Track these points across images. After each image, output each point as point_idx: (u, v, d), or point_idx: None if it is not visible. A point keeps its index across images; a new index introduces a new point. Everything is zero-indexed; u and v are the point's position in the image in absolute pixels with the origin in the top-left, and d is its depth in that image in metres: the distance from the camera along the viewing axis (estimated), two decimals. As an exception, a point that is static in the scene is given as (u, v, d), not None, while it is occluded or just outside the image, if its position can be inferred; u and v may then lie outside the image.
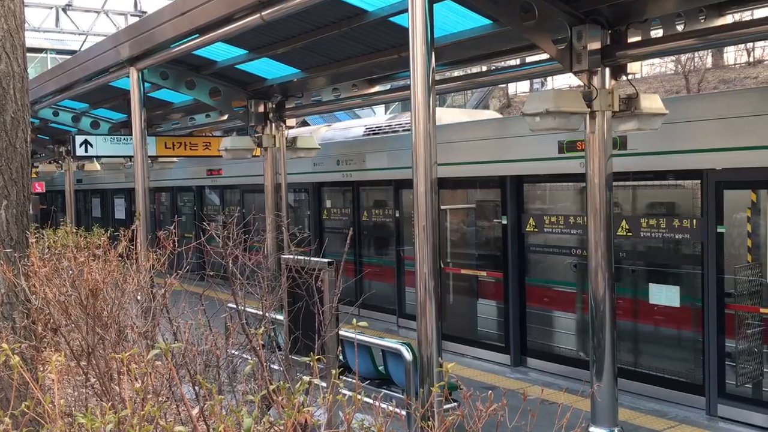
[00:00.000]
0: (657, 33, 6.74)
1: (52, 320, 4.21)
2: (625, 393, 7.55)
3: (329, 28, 7.89)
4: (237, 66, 9.95)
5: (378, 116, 20.19)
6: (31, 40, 27.21)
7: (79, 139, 12.21)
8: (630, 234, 7.92)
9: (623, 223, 7.92)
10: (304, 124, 19.78)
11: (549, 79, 24.85)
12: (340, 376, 3.00)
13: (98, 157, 15.31)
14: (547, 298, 9.34)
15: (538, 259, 9.45)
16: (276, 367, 4.71)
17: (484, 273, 10.06)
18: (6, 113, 4.03)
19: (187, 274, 4.52)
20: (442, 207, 9.95)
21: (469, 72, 11.01)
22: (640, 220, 7.84)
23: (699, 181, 7.31)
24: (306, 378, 2.85)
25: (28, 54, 4.30)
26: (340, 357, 6.02)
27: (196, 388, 3.20)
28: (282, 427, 2.55)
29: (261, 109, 11.07)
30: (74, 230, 9.18)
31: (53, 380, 2.62)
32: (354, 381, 2.90)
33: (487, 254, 10.16)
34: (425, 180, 5.27)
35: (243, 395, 4.02)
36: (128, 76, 9.94)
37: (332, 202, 13.25)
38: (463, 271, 10.37)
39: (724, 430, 6.97)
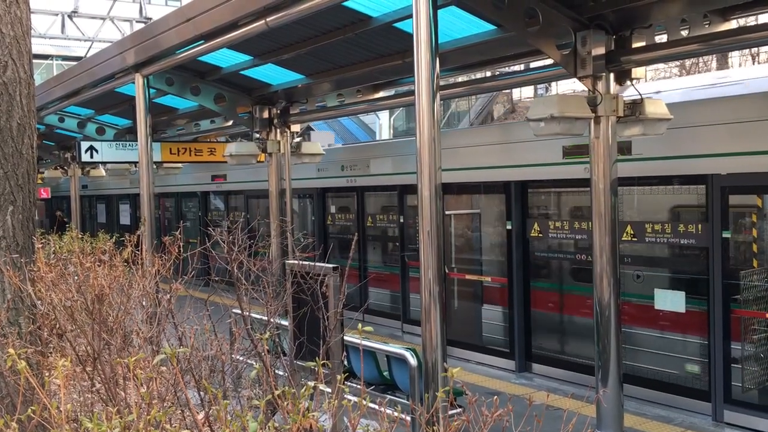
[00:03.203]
0: (661, 38, 6.74)
1: (57, 325, 4.21)
2: (631, 399, 7.53)
3: (334, 34, 7.92)
4: (242, 72, 9.98)
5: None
6: (37, 46, 27.29)
7: (84, 144, 12.27)
8: (635, 239, 7.90)
9: (628, 228, 7.91)
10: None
11: (553, 84, 24.83)
12: (345, 382, 3.00)
13: (103, 163, 15.37)
14: (552, 303, 9.32)
15: (542, 264, 9.43)
16: (281, 373, 4.71)
17: (488, 278, 10.05)
18: (12, 119, 4.05)
19: (192, 279, 4.53)
20: (447, 212, 9.95)
21: (473, 77, 11.02)
22: (645, 225, 7.82)
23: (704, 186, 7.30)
24: (311, 383, 2.85)
25: (34, 60, 4.32)
26: (345, 362, 6.01)
27: (202, 393, 3.21)
28: (287, 432, 2.56)
29: (265, 114, 11.11)
30: (80, 235, 9.20)
31: (59, 385, 2.63)
32: (359, 386, 2.90)
33: (491, 259, 10.15)
34: (430, 185, 5.28)
35: (248, 400, 4.03)
36: (134, 82, 9.98)
37: (336, 207, 13.27)
38: (467, 277, 10.36)
39: (730, 436, 6.95)
